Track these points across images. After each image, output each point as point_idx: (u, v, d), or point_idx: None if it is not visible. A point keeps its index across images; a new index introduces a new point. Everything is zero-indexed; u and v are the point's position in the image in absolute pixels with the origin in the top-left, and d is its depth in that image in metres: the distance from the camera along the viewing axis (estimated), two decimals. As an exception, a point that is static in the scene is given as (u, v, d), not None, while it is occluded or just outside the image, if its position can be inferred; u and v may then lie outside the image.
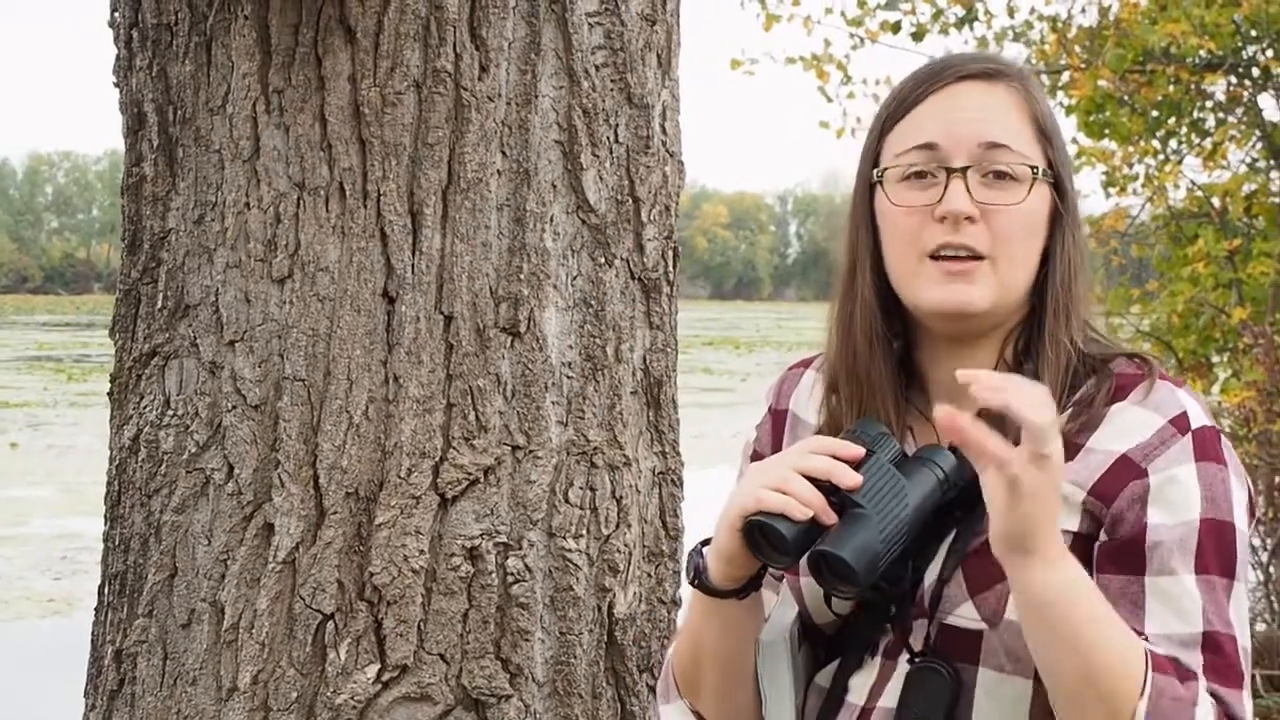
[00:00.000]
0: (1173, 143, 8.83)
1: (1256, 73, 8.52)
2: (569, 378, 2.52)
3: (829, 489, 1.55)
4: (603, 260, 2.55)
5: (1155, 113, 8.50)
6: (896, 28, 9.30)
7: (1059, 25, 9.13)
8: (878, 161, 1.70)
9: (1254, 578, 6.25)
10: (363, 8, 2.44)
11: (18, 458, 15.47)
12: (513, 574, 2.45)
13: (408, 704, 2.42)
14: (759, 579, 1.65)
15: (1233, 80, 8.45)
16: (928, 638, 1.62)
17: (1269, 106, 8.55)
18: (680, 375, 2.77)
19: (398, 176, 2.45)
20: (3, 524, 11.55)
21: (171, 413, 2.54)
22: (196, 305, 2.53)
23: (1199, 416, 1.61)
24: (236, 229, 2.50)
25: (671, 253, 2.66)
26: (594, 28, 2.54)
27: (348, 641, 2.42)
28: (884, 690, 1.64)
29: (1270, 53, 8.40)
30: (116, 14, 2.69)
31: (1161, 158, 8.58)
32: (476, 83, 2.46)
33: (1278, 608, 6.38)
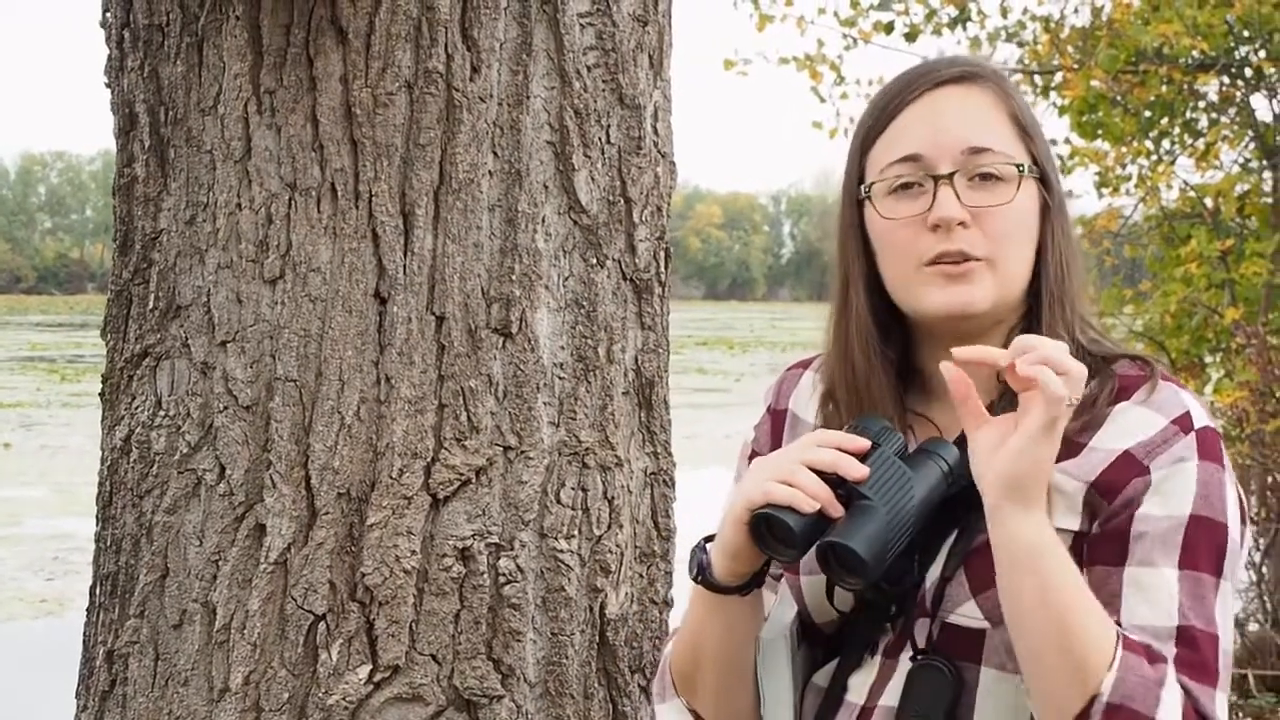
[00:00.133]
0: (1165, 143, 8.83)
1: (1249, 73, 8.51)
2: (561, 378, 2.52)
3: (835, 482, 1.56)
4: (594, 261, 2.55)
5: (1148, 113, 8.49)
6: (890, 28, 9.29)
7: (1052, 25, 9.12)
8: (863, 177, 1.70)
9: (1246, 578, 6.26)
10: (354, 8, 2.44)
11: (11, 458, 15.45)
12: (504, 574, 2.45)
13: (399, 705, 2.42)
14: (762, 575, 1.65)
15: (1225, 81, 8.45)
16: (929, 636, 1.63)
17: (1261, 107, 8.55)
18: (674, 375, 2.77)
19: (389, 177, 2.45)
20: (-4, 525, 11.56)
21: (163, 413, 2.54)
22: (188, 306, 2.53)
23: (1201, 417, 1.62)
24: (228, 229, 2.49)
25: (663, 254, 2.66)
26: (585, 28, 2.54)
27: (339, 642, 2.41)
28: (884, 689, 1.65)
29: (1263, 53, 8.40)
30: (108, 14, 2.68)
31: (1154, 158, 8.58)
32: (468, 83, 2.46)
33: (1270, 608, 6.39)
